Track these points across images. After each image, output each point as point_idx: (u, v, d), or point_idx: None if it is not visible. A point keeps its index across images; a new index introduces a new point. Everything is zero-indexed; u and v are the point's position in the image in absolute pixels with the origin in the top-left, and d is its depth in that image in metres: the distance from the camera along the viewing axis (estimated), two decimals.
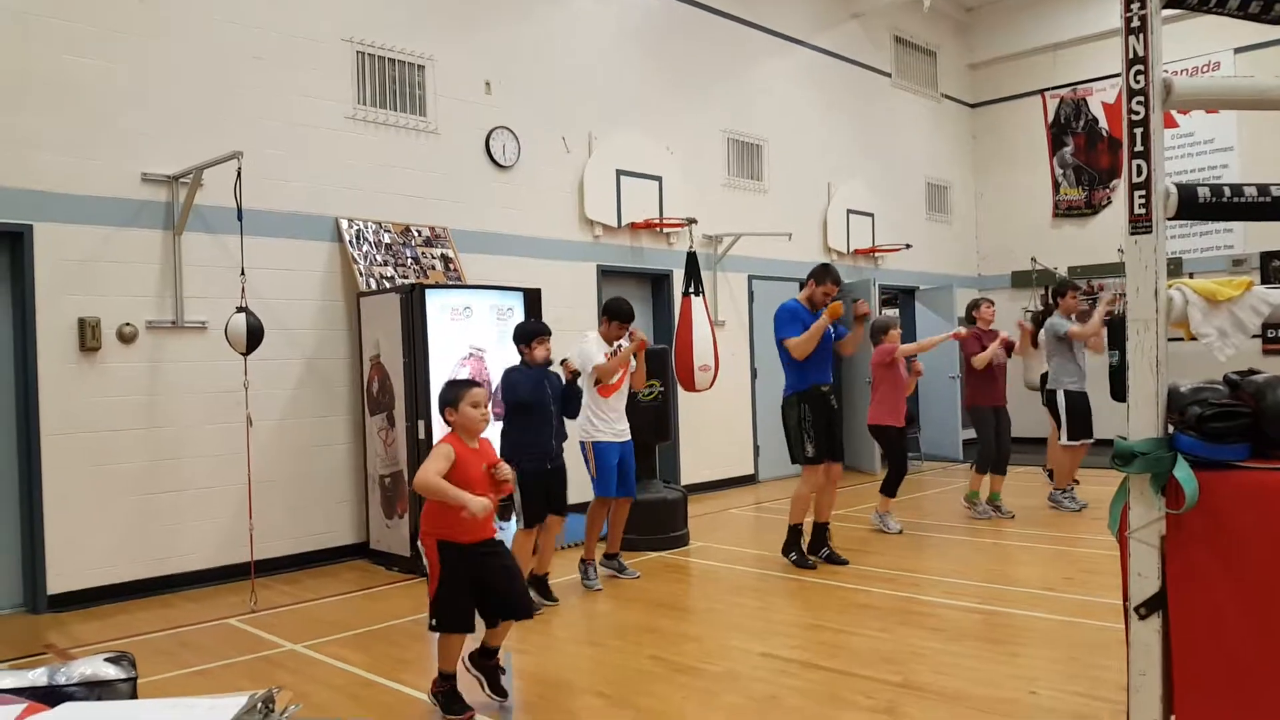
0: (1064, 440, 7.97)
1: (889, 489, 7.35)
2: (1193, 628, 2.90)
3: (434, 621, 3.77)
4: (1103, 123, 13.06)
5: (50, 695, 2.11)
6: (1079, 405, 7.93)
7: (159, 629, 5.33)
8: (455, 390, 3.83)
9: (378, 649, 4.88)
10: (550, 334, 5.34)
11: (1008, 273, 13.87)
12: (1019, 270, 13.70)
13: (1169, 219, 3.08)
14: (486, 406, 3.84)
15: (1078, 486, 8.27)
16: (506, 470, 3.85)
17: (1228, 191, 3.12)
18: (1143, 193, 3.04)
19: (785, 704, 3.89)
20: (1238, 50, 11.55)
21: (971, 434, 11.37)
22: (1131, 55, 3.05)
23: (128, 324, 5.94)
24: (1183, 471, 2.87)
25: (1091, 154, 13.19)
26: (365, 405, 6.92)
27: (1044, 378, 9.03)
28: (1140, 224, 3.05)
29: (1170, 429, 3.02)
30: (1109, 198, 13.02)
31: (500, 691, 3.89)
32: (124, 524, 5.94)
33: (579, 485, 6.02)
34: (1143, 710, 2.97)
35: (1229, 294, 3.05)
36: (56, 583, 5.69)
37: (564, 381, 5.39)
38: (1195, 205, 3.09)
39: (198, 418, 6.23)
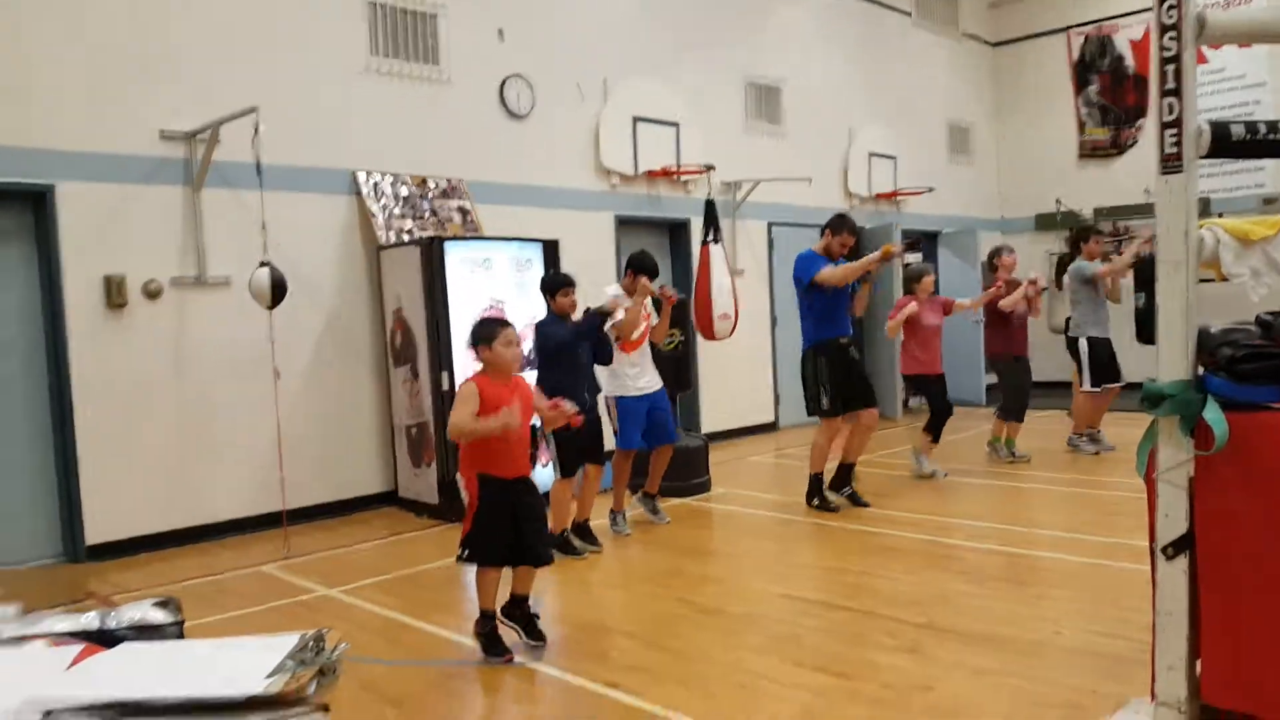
0: (1085, 387, 7.94)
1: (931, 431, 7.31)
2: (1220, 567, 2.92)
3: (464, 553, 3.85)
4: (1129, 60, 12.77)
5: (102, 638, 2.18)
6: (1101, 352, 7.89)
7: (197, 576, 5.46)
8: (490, 328, 3.81)
9: (410, 593, 4.98)
10: (575, 285, 5.34)
11: (1031, 215, 13.69)
12: (1043, 213, 13.53)
13: (1201, 158, 3.04)
14: (519, 345, 3.85)
15: (1101, 431, 8.25)
16: (570, 406, 3.91)
17: (1263, 129, 3.08)
18: (1174, 131, 3.00)
19: (805, 643, 3.96)
20: None
21: (994, 378, 11.36)
22: None
23: (152, 280, 5.99)
24: (1212, 413, 2.87)
25: (1117, 92, 12.92)
26: (389, 357, 6.98)
27: (1068, 322, 8.98)
28: (1171, 163, 3.01)
29: (1200, 371, 3.01)
30: (1135, 137, 12.78)
31: (538, 636, 3.97)
32: (158, 476, 6.05)
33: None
34: (1168, 649, 3.01)
35: (1262, 233, 3.03)
36: (94, 533, 5.81)
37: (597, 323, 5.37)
38: (1229, 143, 3.05)
39: (225, 371, 6.30)
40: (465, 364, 6.42)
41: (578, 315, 5.39)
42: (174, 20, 6.09)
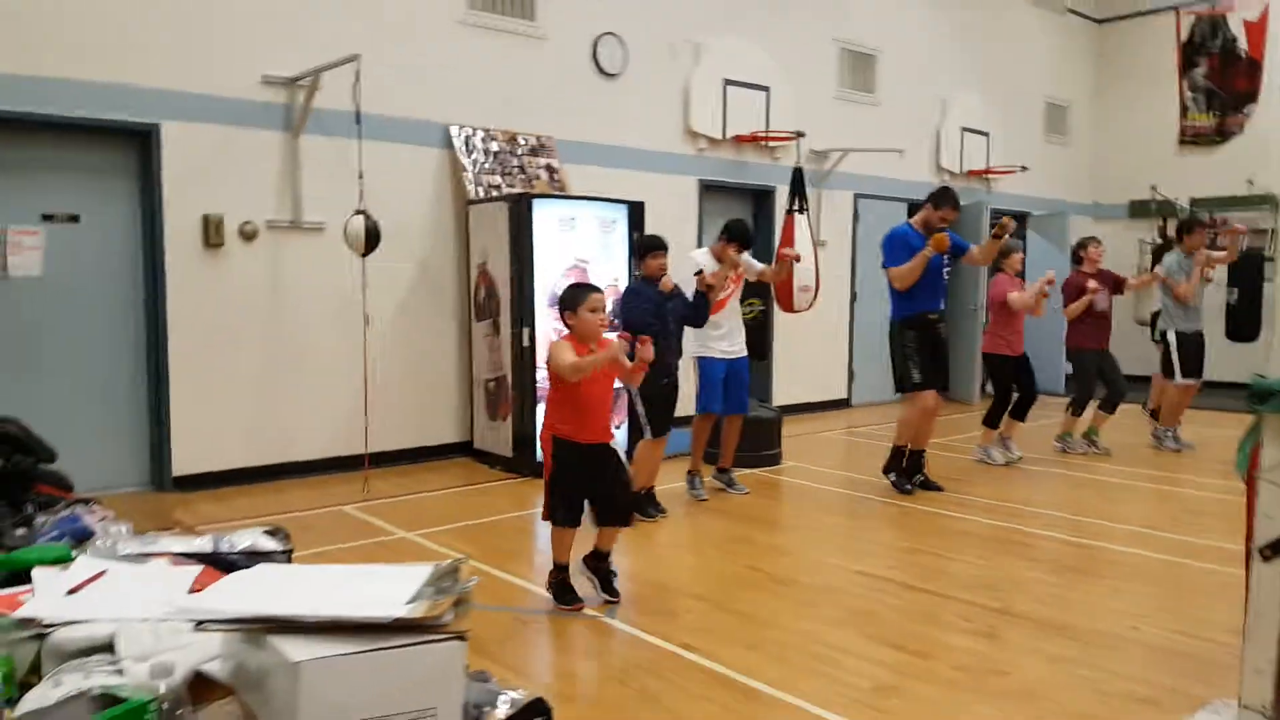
0: (1177, 379, 7.72)
1: (992, 421, 7.24)
2: None
3: (549, 512, 3.96)
4: (1242, 42, 12.19)
5: (215, 561, 2.30)
6: (1191, 346, 7.67)
7: (277, 512, 5.63)
8: (576, 294, 3.88)
9: (485, 540, 5.10)
10: (667, 248, 5.32)
11: (1125, 202, 13.24)
12: (1137, 199, 13.07)
13: None
14: (605, 311, 3.90)
15: (1180, 428, 8.03)
16: (648, 350, 3.92)
17: None
18: None
19: (883, 619, 3.95)
20: None
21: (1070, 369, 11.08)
22: None
23: (248, 222, 6.15)
24: None
25: (1226, 76, 12.36)
26: (472, 311, 7.08)
27: (1155, 315, 8.72)
28: None
29: None
30: (1242, 124, 12.24)
31: (613, 592, 4.05)
32: (244, 413, 6.25)
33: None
34: (1258, 652, 2.94)
35: None
36: (180, 465, 6.03)
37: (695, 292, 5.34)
38: None
39: (315, 315, 6.46)
40: (547, 321, 6.51)
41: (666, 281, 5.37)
42: None
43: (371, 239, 5.79)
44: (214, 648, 1.59)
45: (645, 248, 5.30)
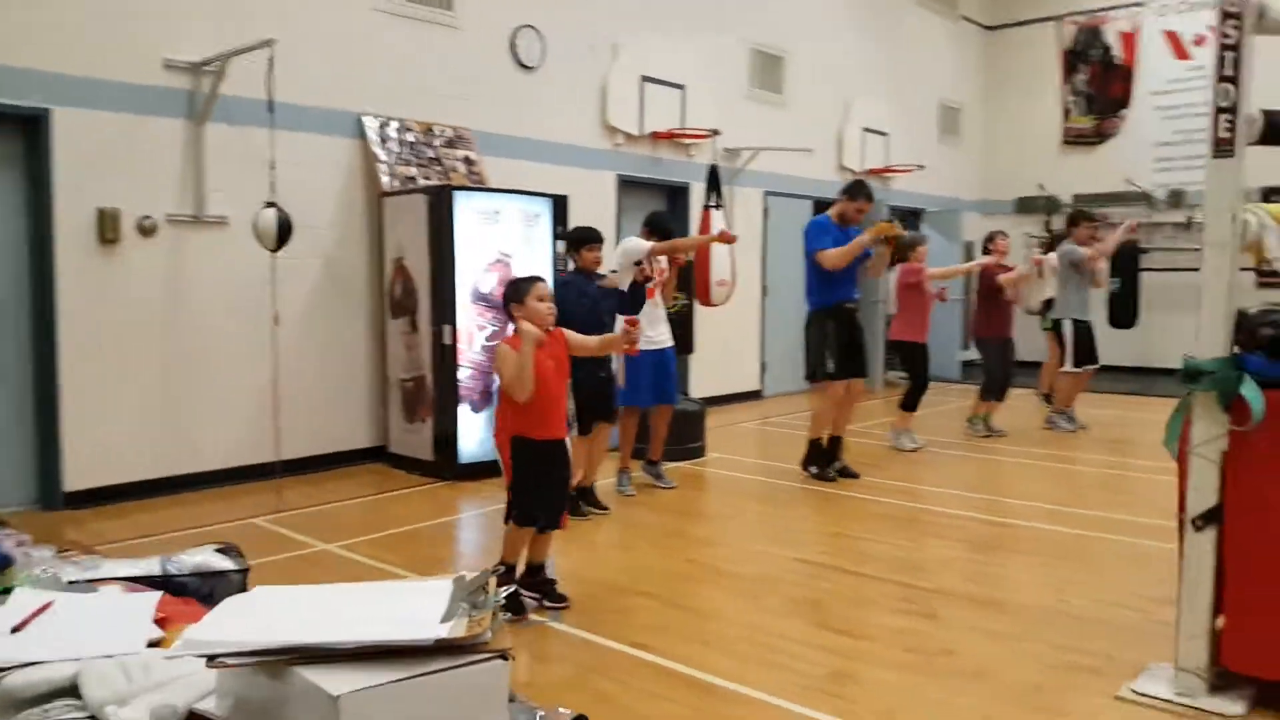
0: (1068, 367, 8.11)
1: (909, 405, 7.44)
2: (1246, 539, 3.00)
3: (515, 513, 3.85)
4: (1117, 52, 12.90)
5: (165, 585, 2.13)
6: (1084, 334, 8.06)
7: (184, 527, 5.27)
8: (521, 285, 3.82)
9: (411, 549, 4.93)
10: (603, 241, 5.28)
11: (1013, 198, 13.83)
12: (1024, 196, 13.67)
13: (1250, 144, 3.09)
14: (550, 300, 3.83)
15: (1074, 409, 8.44)
16: (637, 332, 3.88)
17: None
18: (1229, 117, 3.04)
19: (826, 606, 4.01)
20: None
21: (970, 355, 11.50)
22: None
23: (147, 216, 5.80)
24: (1250, 390, 2.94)
25: (1104, 83, 13.05)
26: (386, 308, 6.87)
27: (1047, 304, 9.12)
28: (1224, 148, 3.06)
29: (1236, 349, 3.07)
30: (1118, 127, 12.93)
31: (560, 599, 3.94)
32: (143, 422, 5.88)
33: None
34: (1193, 617, 3.08)
35: None
36: (73, 480, 5.59)
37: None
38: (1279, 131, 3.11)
39: (218, 314, 6.14)
40: (470, 318, 6.37)
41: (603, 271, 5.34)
42: None
43: (283, 233, 5.54)
44: (205, 684, 1.45)
45: (581, 240, 5.24)
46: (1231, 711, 2.93)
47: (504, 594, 1.44)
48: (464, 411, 6.39)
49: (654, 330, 5.78)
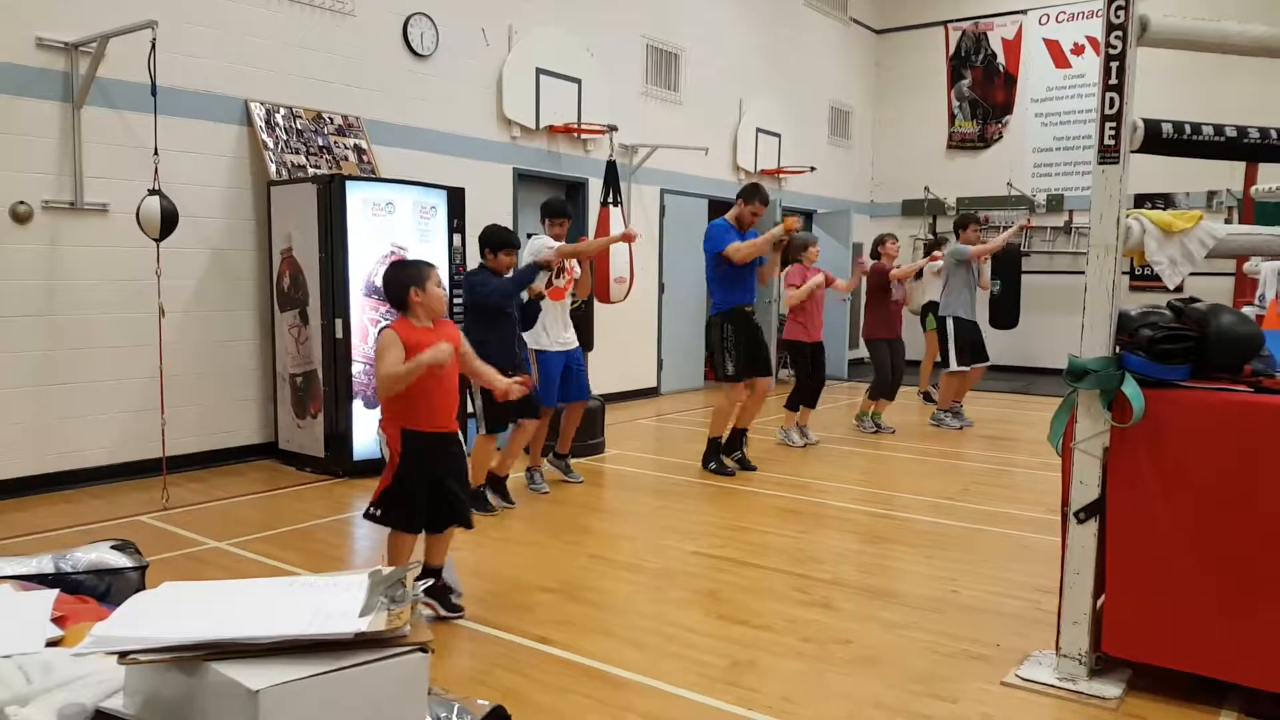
0: (952, 366, 8.39)
1: (794, 404, 7.61)
2: (1125, 530, 3.16)
3: (377, 511, 3.58)
4: (1000, 58, 13.44)
5: (60, 583, 2.03)
6: (968, 333, 8.34)
7: (66, 525, 5.07)
8: (420, 269, 3.56)
9: (306, 546, 4.81)
10: (519, 246, 5.21)
11: (899, 201, 14.28)
12: (910, 199, 14.12)
13: (1132, 152, 3.26)
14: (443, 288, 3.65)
15: (961, 406, 8.75)
16: (521, 391, 3.79)
17: (1188, 129, 3.32)
18: (1113, 125, 3.19)
19: (725, 597, 4.06)
20: None
21: (858, 354, 11.85)
22: None
23: (22, 203, 5.48)
24: (1131, 388, 3.10)
25: (988, 88, 13.58)
26: (274, 300, 6.64)
27: (930, 305, 9.47)
28: (1109, 154, 3.21)
29: (1117, 349, 3.24)
30: (1000, 132, 13.48)
31: (454, 609, 3.78)
32: (19, 417, 5.58)
33: None
34: (1074, 605, 3.25)
35: (1182, 225, 3.25)
36: None
37: (525, 299, 5.31)
38: (1159, 140, 3.28)
39: (98, 306, 5.85)
40: (361, 310, 6.22)
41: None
42: None
43: (168, 222, 5.30)
44: (112, 682, 1.38)
45: (502, 243, 5.12)
46: (1109, 694, 3.10)
47: (422, 588, 1.41)
48: (357, 407, 6.25)
49: (566, 333, 5.78)
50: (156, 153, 5.28)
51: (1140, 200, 11.31)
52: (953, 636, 3.63)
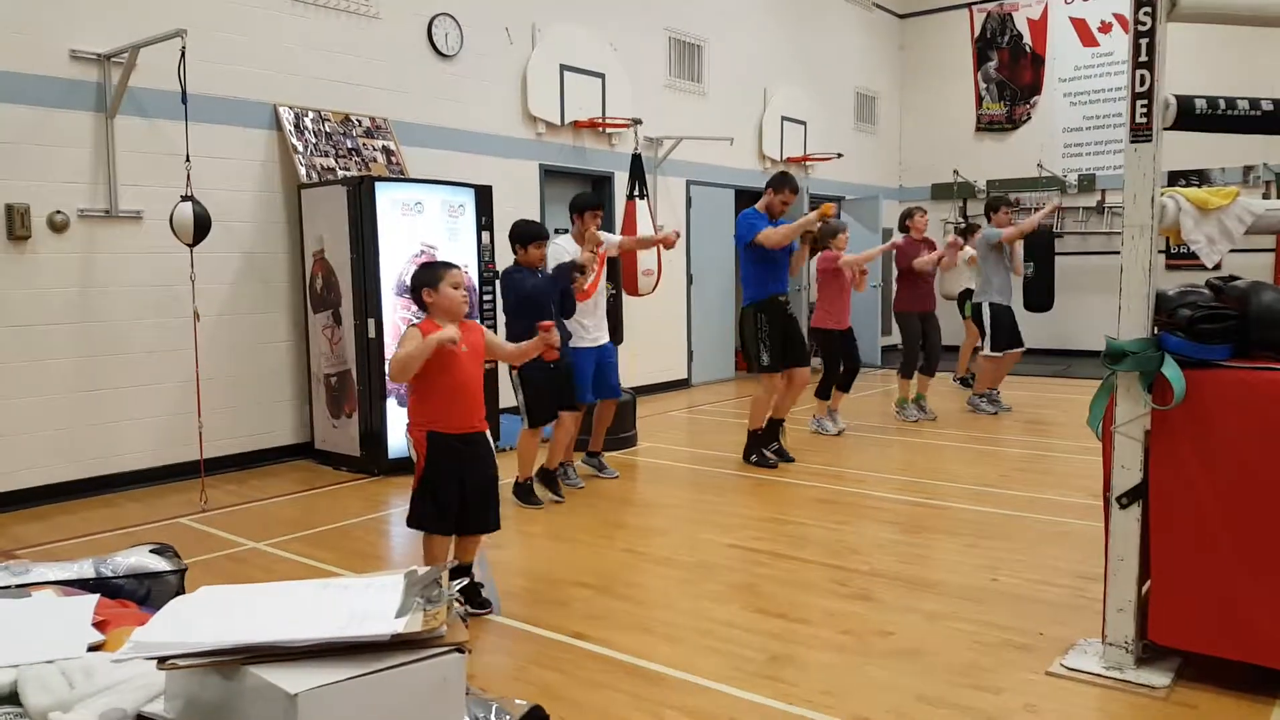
0: (987, 351, 8.30)
1: (824, 392, 7.56)
2: (1169, 516, 3.10)
3: (415, 518, 3.65)
4: (1027, 39, 13.25)
5: (100, 587, 2.06)
6: (1004, 317, 8.25)
7: (108, 529, 5.16)
8: (434, 270, 3.60)
9: (343, 545, 4.85)
10: (549, 237, 5.23)
11: (928, 185, 14.13)
12: (939, 183, 13.98)
13: (1166, 129, 3.20)
14: (465, 289, 3.65)
15: (998, 393, 8.65)
16: (555, 336, 3.78)
17: (1222, 104, 3.25)
18: (1144, 102, 3.13)
19: (762, 590, 4.04)
20: None
21: (891, 340, 11.75)
22: None
23: (59, 212, 5.56)
24: (1171, 370, 3.03)
25: (1014, 69, 13.40)
26: (307, 302, 6.70)
27: (966, 292, 9.36)
28: (1141, 132, 3.14)
29: (1155, 330, 3.18)
30: (1029, 113, 13.30)
31: (483, 604, 3.80)
32: (61, 422, 5.68)
33: None
34: (1119, 592, 3.19)
35: (1219, 202, 3.18)
36: None
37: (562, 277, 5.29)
38: (1192, 116, 3.21)
39: (134, 311, 5.94)
40: (393, 310, 6.26)
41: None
42: None
43: (201, 227, 5.37)
44: (153, 687, 1.40)
45: (529, 236, 5.15)
46: (1157, 683, 3.04)
47: (457, 587, 1.41)
48: (391, 405, 6.29)
49: (598, 330, 5.80)
50: (188, 159, 5.33)
51: (1174, 177, 11.12)
52: (995, 626, 3.59)
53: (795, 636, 3.54)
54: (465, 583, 3.66)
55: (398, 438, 6.29)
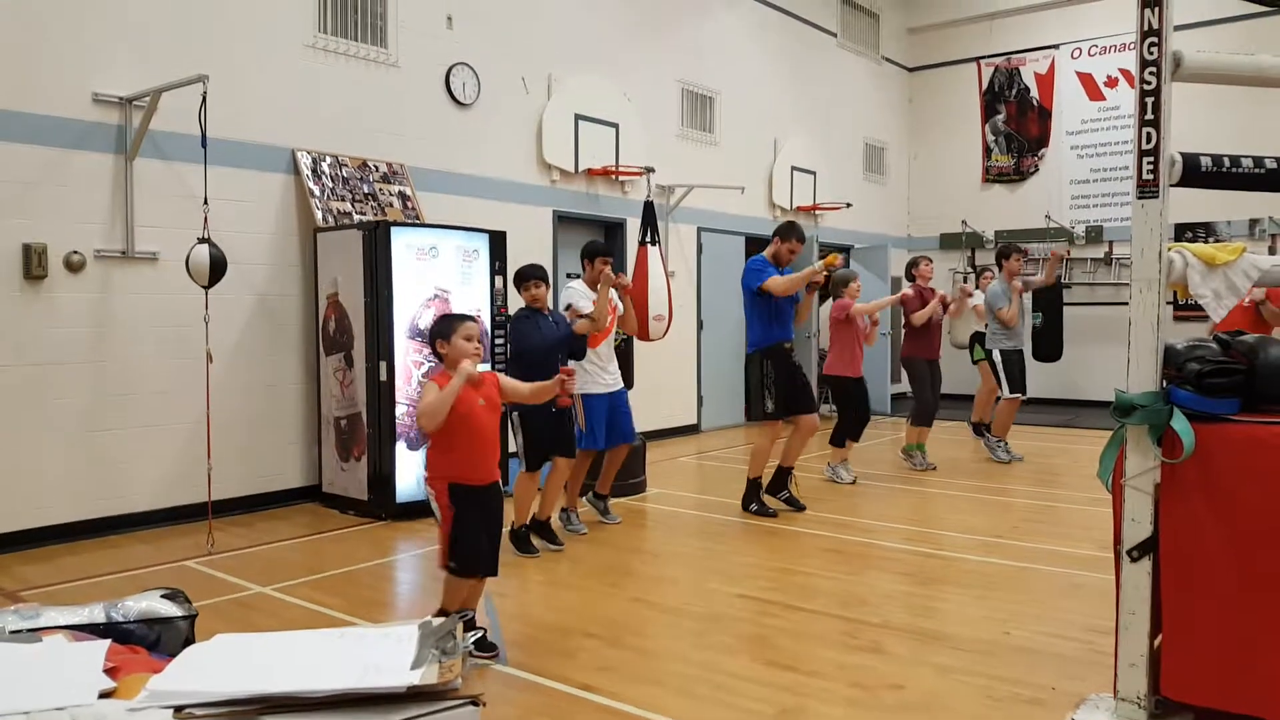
0: (1005, 394, 8.29)
1: (839, 440, 7.55)
2: (1181, 569, 3.09)
3: (453, 564, 3.69)
4: (1034, 92, 13.42)
5: (111, 632, 2.05)
6: (1016, 362, 8.26)
7: (113, 571, 5.14)
8: (449, 323, 3.74)
9: (350, 591, 4.82)
10: (546, 278, 5.30)
11: (937, 234, 14.22)
12: (948, 233, 14.06)
13: (1171, 185, 3.23)
14: (479, 340, 3.74)
15: (1009, 441, 8.62)
16: (573, 383, 3.83)
17: (1227, 162, 3.28)
18: (1151, 159, 3.17)
19: (772, 642, 4.01)
20: (1178, 28, 11.97)
21: (900, 389, 11.74)
22: (1146, 27, 3.15)
23: (75, 252, 5.64)
24: (1180, 423, 3.03)
25: (1022, 122, 13.55)
26: (320, 344, 6.75)
27: (976, 336, 9.38)
28: (1147, 189, 3.18)
29: (1164, 384, 3.19)
30: (1036, 165, 13.43)
31: (489, 648, 3.76)
32: (69, 462, 5.70)
33: None
34: (1131, 647, 3.16)
35: (1225, 258, 3.21)
36: None
37: (571, 328, 5.36)
38: (1198, 173, 3.24)
39: (147, 352, 5.99)
40: (405, 353, 6.29)
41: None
42: None
43: (216, 269, 5.42)
44: None
45: (528, 276, 5.27)
46: None
47: (472, 639, 1.41)
48: (400, 449, 6.30)
49: (611, 375, 5.81)
50: (206, 202, 5.41)
51: (1181, 230, 11.18)
52: (1006, 680, 3.55)
53: (806, 689, 3.50)
54: (480, 635, 3.72)
55: (406, 482, 6.30)
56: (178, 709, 1.26)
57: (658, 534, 6.09)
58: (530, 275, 5.28)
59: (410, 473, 6.28)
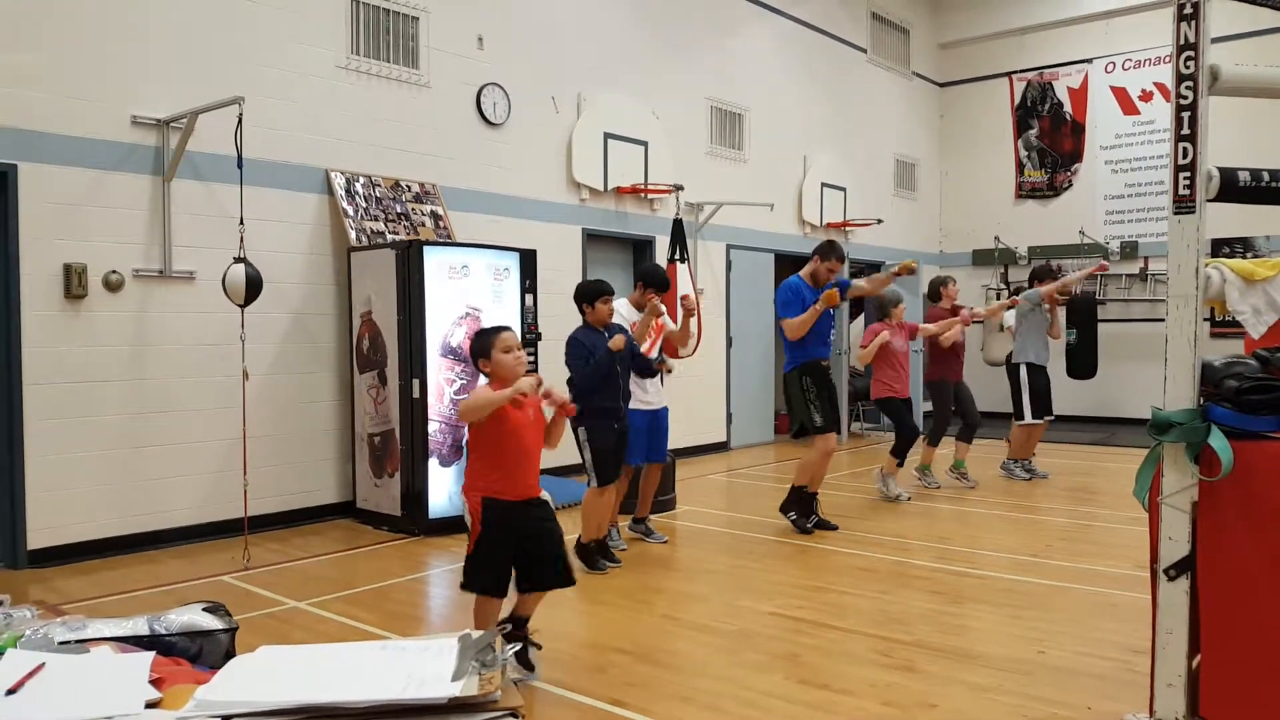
0: (1027, 418, 8.20)
1: (899, 452, 7.51)
2: (1219, 588, 3.04)
3: (463, 580, 3.66)
4: (1067, 107, 13.32)
5: (155, 645, 2.09)
6: (1040, 380, 8.15)
7: (150, 585, 5.22)
8: (485, 340, 3.63)
9: (384, 606, 4.86)
10: (614, 293, 5.29)
11: (969, 250, 14.13)
12: (980, 248, 13.97)
13: (1209, 200, 3.20)
14: (519, 349, 3.65)
15: (1033, 460, 8.53)
16: (559, 395, 3.71)
17: (1266, 176, 3.25)
18: (1188, 174, 3.14)
19: (804, 660, 3.99)
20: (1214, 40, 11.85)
21: (930, 407, 11.64)
22: (1182, 41, 3.13)
23: (114, 272, 5.76)
24: (1218, 441, 3.00)
25: (1055, 137, 13.46)
26: (354, 362, 6.83)
27: (1010, 357, 9.28)
28: (1184, 204, 3.15)
29: (1202, 401, 3.15)
30: (1070, 180, 13.31)
31: (528, 665, 3.78)
32: (107, 477, 5.80)
33: None
34: (1168, 666, 3.12)
35: (1265, 274, 3.17)
36: (37, 537, 5.52)
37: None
38: (1235, 188, 3.21)
39: (184, 370, 6.09)
40: (438, 370, 6.35)
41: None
42: (153, 2, 5.91)
43: (253, 288, 5.52)
44: None
45: (594, 293, 5.20)
46: None
47: (511, 651, 1.43)
48: (433, 465, 6.35)
49: (652, 392, 5.85)
50: (242, 222, 5.51)
51: (1218, 245, 11.03)
52: (1041, 700, 3.51)
53: (838, 708, 3.48)
54: (519, 647, 3.69)
55: (439, 498, 6.34)
56: (225, 718, 1.29)
57: (688, 551, 6.08)
58: (599, 292, 5.21)
59: (443, 489, 6.33)
